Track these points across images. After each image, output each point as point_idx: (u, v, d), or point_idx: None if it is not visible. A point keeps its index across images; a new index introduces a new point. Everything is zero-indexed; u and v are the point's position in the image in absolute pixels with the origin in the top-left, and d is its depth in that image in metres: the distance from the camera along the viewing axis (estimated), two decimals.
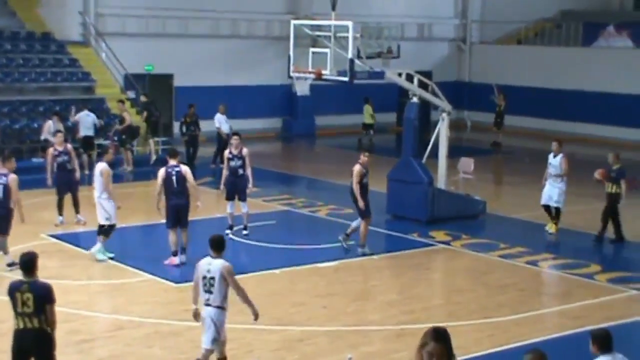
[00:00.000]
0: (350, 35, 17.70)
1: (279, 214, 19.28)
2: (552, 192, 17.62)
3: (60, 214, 17.56)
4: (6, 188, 14.00)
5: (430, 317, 12.28)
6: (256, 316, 9.77)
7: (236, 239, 16.54)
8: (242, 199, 16.75)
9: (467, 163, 21.05)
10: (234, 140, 16.99)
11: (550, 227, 17.76)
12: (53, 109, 24.80)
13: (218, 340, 9.61)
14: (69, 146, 17.79)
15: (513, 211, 19.66)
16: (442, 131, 18.96)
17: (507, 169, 27.89)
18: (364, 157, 15.67)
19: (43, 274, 13.91)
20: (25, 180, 21.25)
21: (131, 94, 27.61)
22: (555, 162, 17.67)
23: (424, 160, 18.71)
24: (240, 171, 16.63)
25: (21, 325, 8.38)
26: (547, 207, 17.78)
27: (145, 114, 25.77)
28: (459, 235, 17.31)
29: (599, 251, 17.02)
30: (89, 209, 16.78)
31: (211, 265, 9.50)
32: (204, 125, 25.10)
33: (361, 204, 15.49)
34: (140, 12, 28.96)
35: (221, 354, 9.75)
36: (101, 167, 15.17)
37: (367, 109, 30.51)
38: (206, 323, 9.55)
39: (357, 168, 15.53)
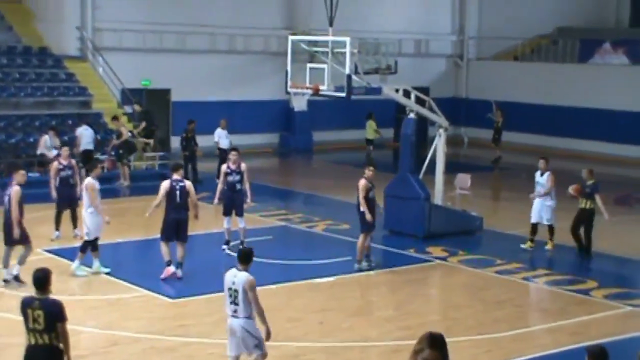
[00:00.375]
0: (347, 50, 17.74)
1: (276, 229, 19.26)
2: (542, 210, 17.50)
3: (57, 228, 17.58)
4: (10, 199, 14.02)
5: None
6: (268, 335, 9.69)
7: (233, 254, 16.49)
8: (240, 214, 16.74)
9: (464, 179, 21.07)
10: (232, 155, 16.98)
11: (528, 246, 17.65)
12: (49, 123, 24.79)
13: (260, 345, 9.69)
14: (73, 161, 17.88)
15: (510, 227, 19.66)
16: (439, 147, 18.98)
17: (504, 185, 27.91)
18: (369, 172, 15.69)
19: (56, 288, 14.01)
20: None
21: (128, 109, 27.61)
22: (543, 180, 17.55)
23: (421, 176, 18.72)
24: (238, 186, 16.62)
25: (32, 342, 8.36)
26: (535, 226, 17.67)
27: (143, 124, 25.77)
28: (455, 251, 17.30)
29: (595, 267, 17.01)
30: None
31: (236, 277, 9.62)
32: (203, 141, 25.13)
33: (369, 217, 15.48)
34: (138, 26, 29.02)
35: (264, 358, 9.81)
36: (88, 182, 15.18)
37: (371, 124, 30.38)
38: (238, 333, 9.60)
39: (362, 182, 15.59)
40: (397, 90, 18.84)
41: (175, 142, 29.52)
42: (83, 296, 14.08)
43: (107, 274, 14.94)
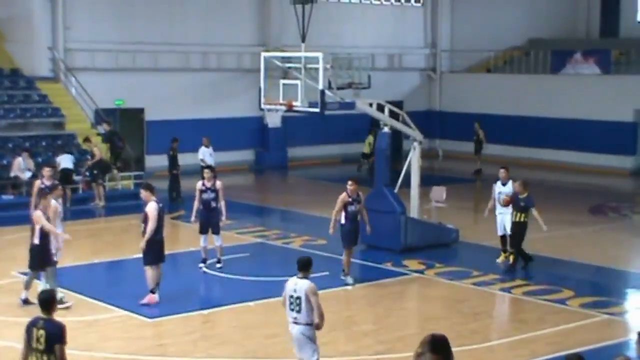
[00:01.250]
0: (320, 66, 17.81)
1: (253, 246, 19.23)
2: (504, 220, 17.31)
3: None
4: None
5: (406, 346, 12.26)
6: (317, 327, 10.01)
7: (210, 272, 16.46)
8: (216, 232, 16.70)
9: (439, 192, 21.16)
10: (206, 173, 16.98)
11: (502, 259, 17.51)
12: (23, 145, 24.66)
13: (317, 351, 10.02)
14: (56, 182, 17.54)
15: (486, 238, 19.72)
16: (414, 160, 19.06)
17: (479, 197, 28.03)
18: (349, 186, 15.79)
19: (16, 312, 13.90)
20: None
21: (101, 129, 27.52)
22: (507, 189, 17.33)
23: (396, 190, 18.77)
24: (214, 204, 16.58)
25: None
26: (503, 237, 17.55)
27: (108, 145, 25.63)
28: (432, 264, 17.35)
29: (571, 277, 17.11)
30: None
31: (297, 285, 9.93)
32: (180, 159, 25.04)
33: (331, 230, 15.71)
34: (110, 46, 28.97)
35: None
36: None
37: (369, 139, 30.43)
38: (297, 339, 9.97)
39: (341, 196, 15.78)
40: (370, 105, 18.91)
41: (150, 161, 29.52)
42: (60, 318, 13.91)
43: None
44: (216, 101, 31.51)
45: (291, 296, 9.89)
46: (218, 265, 16.65)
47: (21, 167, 23.13)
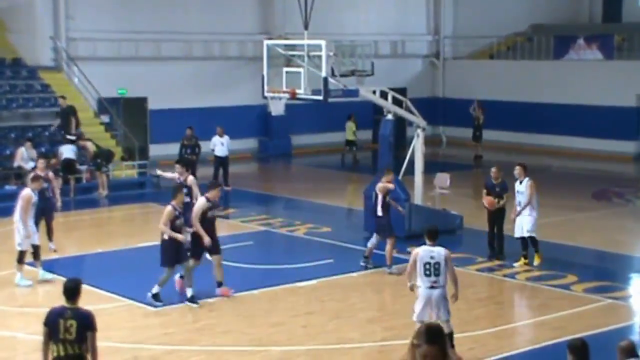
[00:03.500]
0: (323, 54, 17.76)
1: (257, 235, 19.25)
2: (522, 221, 16.23)
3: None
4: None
5: (411, 333, 12.20)
6: (455, 298, 11.15)
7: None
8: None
9: (443, 178, 21.11)
10: (178, 168, 16.26)
11: (521, 264, 16.28)
12: (25, 135, 24.66)
13: (450, 311, 11.07)
14: (51, 173, 17.55)
15: None
16: (418, 147, 19.03)
17: (482, 183, 27.98)
18: (387, 176, 15.96)
19: (16, 303, 13.95)
20: None
21: (105, 118, 27.52)
22: (522, 188, 16.27)
23: (400, 177, 18.76)
24: (187, 199, 15.36)
25: (62, 352, 8.29)
26: (522, 239, 16.38)
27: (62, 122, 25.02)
28: None
29: (575, 262, 17.11)
30: (65, 235, 16.67)
31: (434, 252, 11.00)
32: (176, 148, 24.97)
33: (385, 220, 15.73)
34: (112, 35, 28.92)
35: (449, 328, 10.92)
36: (24, 192, 15.21)
37: (350, 126, 30.45)
38: (435, 301, 10.94)
39: (380, 185, 15.85)
40: (374, 92, 18.89)
41: (154, 150, 29.53)
42: None
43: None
44: (219, 90, 31.48)
45: (428, 263, 10.90)
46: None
47: (24, 157, 23.14)
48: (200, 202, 13.94)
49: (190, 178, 15.98)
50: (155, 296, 13.78)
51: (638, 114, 31.57)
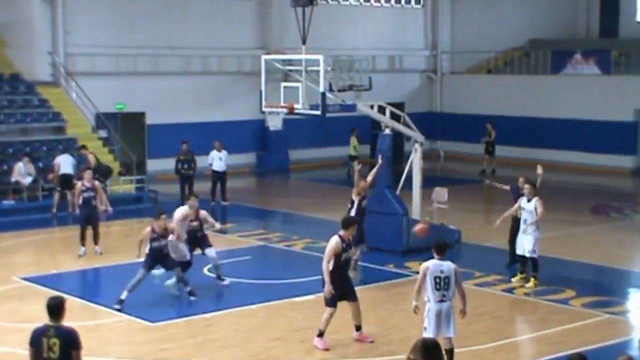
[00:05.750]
0: (321, 68, 17.81)
1: (255, 249, 19.23)
2: (524, 240, 15.81)
3: (83, 244, 18.07)
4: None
5: (409, 348, 12.22)
6: (463, 314, 11.22)
7: (212, 275, 16.44)
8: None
9: (441, 193, 21.10)
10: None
11: (518, 279, 16.07)
12: (23, 150, 24.65)
13: (456, 331, 11.18)
14: (97, 183, 18.61)
15: (488, 239, 19.72)
16: (416, 162, 19.05)
17: (481, 197, 28.03)
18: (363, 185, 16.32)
19: (17, 317, 13.90)
20: None
21: (103, 133, 27.52)
22: (530, 206, 15.72)
23: (398, 192, 18.76)
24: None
25: None
26: (522, 258, 16.04)
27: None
28: None
29: (573, 276, 17.09)
30: (63, 250, 16.60)
31: (443, 265, 11.07)
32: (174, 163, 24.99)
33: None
34: (110, 50, 28.96)
35: (450, 345, 11.11)
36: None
37: (353, 140, 30.31)
38: (445, 315, 11.06)
39: (356, 190, 16.30)
40: (371, 107, 18.91)
41: (152, 165, 29.53)
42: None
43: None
44: (217, 104, 31.52)
45: (438, 277, 10.99)
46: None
47: (22, 172, 23.13)
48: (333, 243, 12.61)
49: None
50: (121, 302, 14.21)
51: (635, 128, 31.63)
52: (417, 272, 16.63)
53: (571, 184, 29.67)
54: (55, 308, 8.36)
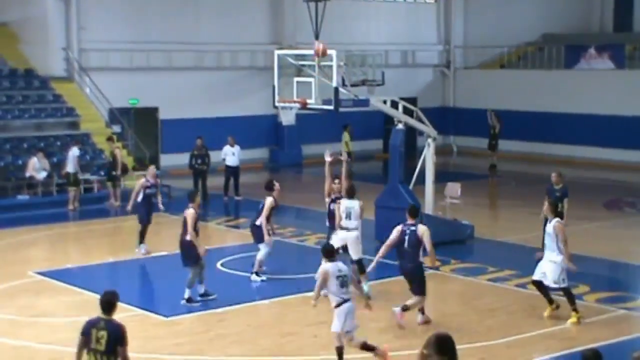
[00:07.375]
0: (334, 63, 17.77)
1: None
2: (545, 267, 13.56)
3: (142, 241, 17.82)
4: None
5: (423, 343, 12.22)
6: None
7: (225, 270, 16.47)
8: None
9: (453, 188, 21.08)
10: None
11: (550, 313, 13.79)
12: (37, 145, 24.75)
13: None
14: (159, 180, 18.60)
15: (501, 234, 19.70)
16: (428, 157, 19.03)
17: (494, 193, 27.97)
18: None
19: (32, 312, 13.97)
20: (10, 218, 21.32)
21: (116, 128, 27.61)
22: (549, 228, 13.61)
23: (411, 187, 18.74)
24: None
25: None
26: (538, 284, 13.75)
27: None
28: (447, 260, 17.31)
29: (587, 272, 17.01)
30: (76, 245, 16.63)
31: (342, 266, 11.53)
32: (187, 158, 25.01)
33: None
34: (124, 46, 29.03)
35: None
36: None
37: (345, 136, 29.94)
38: (353, 314, 11.57)
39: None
40: (384, 102, 18.89)
41: (165, 160, 29.61)
42: (76, 318, 13.98)
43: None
44: (230, 99, 31.55)
45: (339, 276, 11.35)
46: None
47: (36, 167, 23.23)
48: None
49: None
50: (189, 300, 14.08)
51: None
52: (430, 268, 16.79)
53: (585, 179, 29.55)
54: (107, 302, 8.62)
